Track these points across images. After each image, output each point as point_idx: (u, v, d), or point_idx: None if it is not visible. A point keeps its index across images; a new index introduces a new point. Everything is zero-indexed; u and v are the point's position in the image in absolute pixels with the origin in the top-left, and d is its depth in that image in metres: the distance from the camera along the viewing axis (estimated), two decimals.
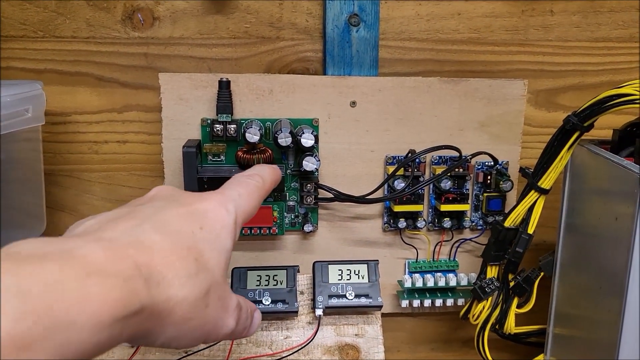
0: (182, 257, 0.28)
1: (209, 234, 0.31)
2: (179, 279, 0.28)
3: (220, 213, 0.32)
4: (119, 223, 0.28)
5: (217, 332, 0.32)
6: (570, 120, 0.45)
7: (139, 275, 0.26)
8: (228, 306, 0.32)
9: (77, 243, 0.25)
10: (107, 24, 0.56)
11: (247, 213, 0.35)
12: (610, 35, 0.60)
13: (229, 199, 0.34)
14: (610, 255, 0.42)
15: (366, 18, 0.56)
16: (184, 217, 0.31)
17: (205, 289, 0.29)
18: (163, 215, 0.30)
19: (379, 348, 0.54)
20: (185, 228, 0.30)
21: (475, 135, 0.58)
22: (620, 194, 0.41)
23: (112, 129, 0.59)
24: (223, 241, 0.32)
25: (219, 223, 0.32)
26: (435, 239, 0.60)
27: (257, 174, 0.38)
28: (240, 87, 0.55)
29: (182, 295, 0.28)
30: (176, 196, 0.33)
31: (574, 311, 0.50)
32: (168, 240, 0.28)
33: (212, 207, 0.32)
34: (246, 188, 0.36)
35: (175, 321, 0.28)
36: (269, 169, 0.40)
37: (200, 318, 0.29)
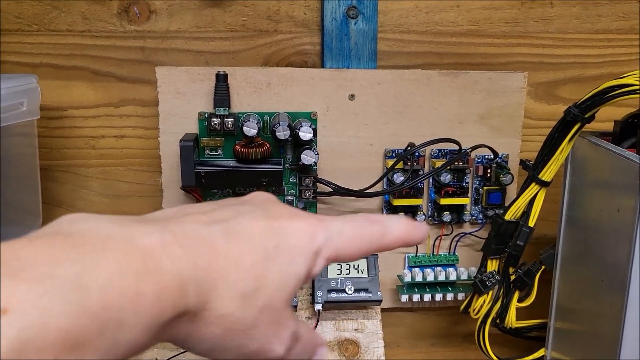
0: (243, 270, 0.26)
1: (282, 255, 0.28)
2: (230, 292, 0.26)
3: (304, 238, 0.28)
4: (192, 219, 0.26)
5: (262, 355, 0.29)
6: (571, 111, 0.45)
7: (193, 278, 0.24)
8: (280, 333, 0.29)
9: (140, 230, 0.24)
10: (103, 17, 0.56)
11: (339, 253, 0.30)
12: (610, 27, 0.60)
13: (323, 229, 0.29)
14: (612, 248, 0.42)
15: (364, 10, 0.56)
16: (263, 229, 0.28)
17: (257, 311, 0.27)
18: (240, 221, 0.27)
19: (378, 343, 0.53)
20: (259, 242, 0.27)
21: (475, 128, 0.58)
22: (622, 186, 0.41)
23: (109, 124, 0.59)
24: (295, 267, 0.28)
25: (299, 249, 0.28)
26: (435, 233, 0.60)
27: (383, 223, 0.31)
28: (237, 80, 0.55)
29: (229, 311, 0.26)
30: (269, 206, 0.30)
31: (575, 305, 0.50)
32: (235, 249, 0.26)
33: (299, 228, 0.28)
34: (355, 229, 0.30)
35: (214, 333, 0.26)
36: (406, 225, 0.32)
37: (244, 337, 0.27)
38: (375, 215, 0.32)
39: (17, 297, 0.18)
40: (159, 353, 0.53)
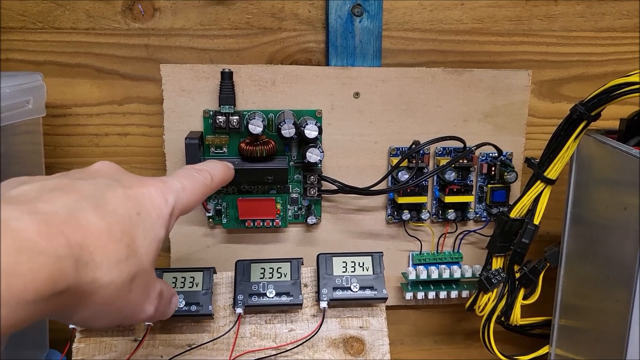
0: (115, 240, 0.28)
1: (144, 221, 0.31)
2: (107, 262, 0.28)
3: (159, 202, 0.32)
4: (57, 196, 0.28)
5: (135, 317, 0.32)
6: (578, 109, 0.45)
7: (70, 255, 0.26)
8: (150, 293, 0.33)
9: (12, 213, 0.25)
10: (107, 15, 0.56)
11: (186, 207, 0.35)
12: (614, 25, 0.60)
13: (170, 190, 0.34)
14: (619, 245, 0.42)
15: (369, 8, 0.55)
16: (123, 199, 0.30)
17: (132, 276, 0.30)
18: (103, 194, 0.30)
19: (383, 340, 0.53)
20: (123, 211, 0.30)
21: (479, 126, 0.58)
22: (629, 184, 0.41)
23: (113, 122, 0.58)
24: (157, 230, 0.32)
25: (156, 212, 0.32)
26: (439, 230, 0.60)
27: (207, 170, 0.38)
28: (242, 78, 0.55)
29: (108, 279, 0.28)
30: (118, 176, 0.33)
31: (580, 302, 0.50)
32: (104, 221, 0.28)
33: (152, 194, 0.32)
34: (192, 183, 0.36)
35: (95, 302, 0.28)
36: (222, 166, 0.40)
37: (121, 302, 0.30)
38: (199, 164, 0.39)
39: None
40: (163, 351, 0.53)
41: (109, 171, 0.34)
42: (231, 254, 0.57)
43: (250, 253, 0.58)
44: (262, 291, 0.52)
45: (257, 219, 0.56)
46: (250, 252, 0.58)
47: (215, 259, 0.58)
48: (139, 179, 0.33)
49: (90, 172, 0.33)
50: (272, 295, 0.52)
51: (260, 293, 0.52)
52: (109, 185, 0.31)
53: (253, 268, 0.54)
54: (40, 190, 0.28)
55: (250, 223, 0.56)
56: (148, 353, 0.53)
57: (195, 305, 0.52)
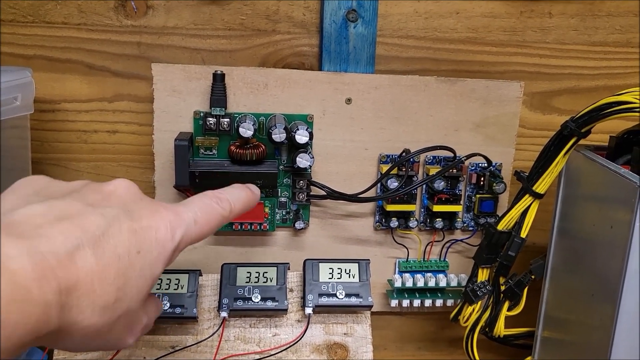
0: (107, 284, 0.27)
1: (144, 260, 0.29)
2: (92, 308, 0.27)
3: (165, 238, 0.31)
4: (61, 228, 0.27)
5: (115, 347, 0.32)
6: (568, 126, 0.45)
7: (57, 301, 0.25)
8: (133, 329, 0.32)
9: (12, 251, 0.24)
10: (99, 11, 0.55)
11: (194, 240, 0.33)
12: (607, 39, 0.60)
13: (181, 224, 0.32)
14: (604, 262, 0.42)
15: (364, 14, 0.55)
16: (126, 235, 0.29)
17: (115, 318, 0.29)
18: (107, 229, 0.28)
19: (367, 347, 0.54)
20: (122, 250, 0.28)
21: (470, 136, 0.58)
22: (616, 202, 0.41)
23: (102, 119, 0.58)
24: (154, 268, 0.30)
25: (158, 249, 0.30)
26: (426, 238, 0.60)
27: (229, 201, 0.36)
28: (234, 80, 0.54)
29: (89, 323, 0.27)
30: (131, 204, 0.31)
31: (564, 315, 0.50)
32: (100, 263, 0.27)
33: (159, 229, 0.31)
34: (207, 215, 0.34)
35: (74, 339, 0.28)
36: (245, 196, 0.37)
37: (101, 339, 0.29)
38: (221, 191, 0.36)
39: None
40: (147, 352, 0.53)
41: (123, 196, 0.31)
42: (218, 257, 0.57)
43: (237, 256, 0.58)
44: (247, 295, 0.52)
45: (244, 222, 0.56)
46: (237, 255, 0.58)
47: (201, 261, 0.58)
48: (152, 208, 0.31)
49: (105, 194, 0.31)
50: (257, 300, 0.52)
51: (246, 297, 0.52)
52: (117, 218, 0.29)
53: (239, 272, 0.53)
54: (46, 215, 0.27)
55: (238, 226, 0.56)
56: (131, 354, 0.53)
57: (180, 307, 0.52)
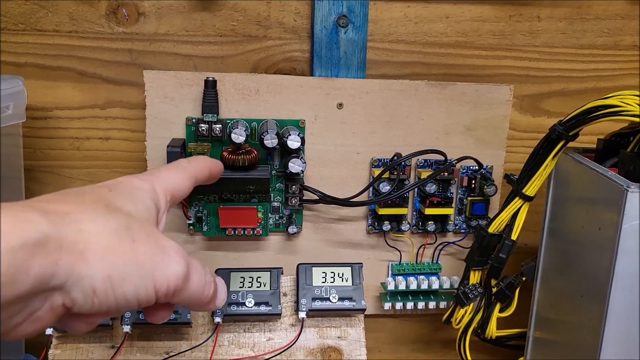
0: (90, 203, 0.29)
1: (119, 193, 0.32)
2: (87, 214, 0.28)
3: (132, 180, 0.34)
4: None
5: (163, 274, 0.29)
6: (556, 129, 0.46)
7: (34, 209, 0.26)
8: (164, 246, 0.30)
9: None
10: (90, 18, 0.55)
11: (168, 183, 0.36)
12: (595, 42, 0.61)
13: (142, 174, 0.36)
14: (593, 263, 0.43)
15: (355, 19, 0.56)
16: (96, 186, 0.32)
17: (123, 224, 0.29)
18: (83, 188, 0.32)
19: (361, 351, 0.54)
20: (96, 191, 0.31)
21: (461, 139, 0.58)
22: (604, 204, 0.42)
23: (95, 125, 0.58)
24: (138, 197, 0.32)
25: (130, 185, 0.33)
26: (418, 241, 0.60)
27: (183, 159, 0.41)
28: (226, 86, 0.54)
29: (95, 227, 0.27)
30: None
31: (554, 316, 0.51)
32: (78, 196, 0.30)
33: (123, 179, 0.34)
34: (165, 167, 0.39)
35: (98, 252, 0.27)
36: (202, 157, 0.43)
37: (130, 251, 0.28)
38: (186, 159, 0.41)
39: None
40: (141, 357, 0.53)
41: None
42: (211, 262, 0.57)
43: (230, 261, 0.58)
44: (241, 300, 0.52)
45: (237, 227, 0.56)
46: (230, 260, 0.58)
47: None
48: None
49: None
50: (251, 305, 0.52)
51: (239, 302, 0.53)
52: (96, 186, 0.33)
53: (232, 277, 0.54)
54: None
55: (231, 231, 0.56)
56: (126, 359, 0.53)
57: (174, 313, 0.52)
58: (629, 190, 0.38)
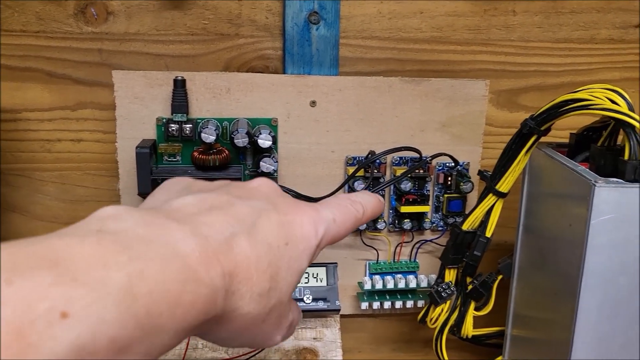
0: (262, 272, 0.28)
1: (291, 252, 0.30)
2: (251, 294, 0.28)
3: (309, 233, 0.31)
4: (215, 217, 0.28)
5: (264, 344, 0.33)
6: (528, 124, 0.45)
7: (222, 285, 0.26)
8: (282, 324, 0.32)
9: (177, 234, 0.25)
10: (58, 17, 0.54)
11: (333, 239, 0.34)
12: (571, 36, 0.60)
13: (322, 221, 0.32)
14: (565, 259, 0.42)
15: (326, 16, 0.55)
16: (275, 227, 0.30)
17: (270, 308, 0.29)
18: (257, 220, 0.29)
19: (337, 352, 0.53)
20: (273, 241, 0.29)
21: (437, 136, 0.58)
22: (574, 200, 0.41)
23: (66, 127, 0.57)
24: (300, 262, 0.31)
25: (304, 244, 0.31)
26: (395, 240, 0.60)
27: (361, 203, 0.36)
28: (196, 85, 0.54)
29: (247, 310, 0.28)
30: (275, 199, 0.32)
31: (531, 313, 0.50)
32: (255, 251, 0.28)
33: (304, 224, 0.31)
34: (344, 215, 0.34)
35: (230, 329, 0.28)
36: (375, 201, 0.38)
37: (255, 330, 0.30)
38: (353, 195, 0.37)
39: (75, 302, 0.19)
40: None
41: (266, 191, 0.33)
42: None
43: None
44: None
45: None
46: None
47: None
48: (294, 204, 0.32)
49: (249, 190, 0.33)
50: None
51: None
52: (264, 209, 0.30)
53: None
54: (200, 205, 0.28)
55: None
56: None
57: None
58: (596, 185, 0.38)
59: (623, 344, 0.40)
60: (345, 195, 0.37)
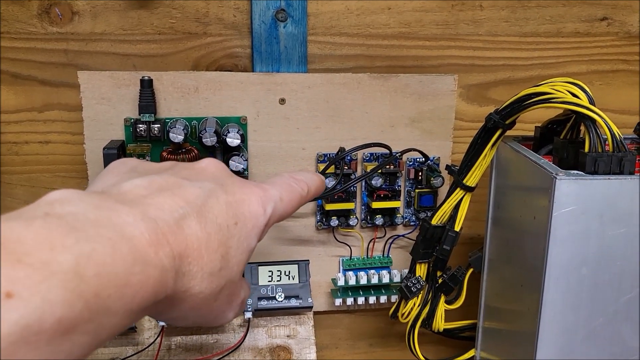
0: (212, 251, 0.29)
1: (240, 231, 0.30)
2: (202, 274, 0.28)
3: (258, 212, 0.32)
4: (165, 198, 0.28)
5: (216, 321, 0.33)
6: (492, 118, 0.45)
7: (172, 266, 0.26)
8: (233, 302, 0.33)
9: (126, 218, 0.25)
10: (22, 18, 0.54)
11: (281, 218, 0.35)
12: (538, 30, 0.61)
13: (270, 200, 0.33)
14: (530, 252, 0.43)
15: (293, 13, 0.55)
16: (224, 207, 0.30)
17: (221, 287, 0.30)
18: (206, 200, 0.29)
19: (310, 349, 0.53)
20: (222, 221, 0.30)
21: (407, 131, 0.58)
22: (537, 192, 0.42)
23: (33, 129, 0.56)
24: (250, 240, 0.31)
25: (252, 222, 0.31)
26: (368, 236, 0.60)
27: (305, 182, 0.37)
28: (164, 85, 0.53)
29: (199, 289, 0.28)
30: (223, 179, 0.32)
31: (501, 305, 0.51)
32: (205, 231, 0.28)
33: (251, 203, 0.32)
34: (289, 193, 0.35)
35: (182, 308, 0.29)
36: (317, 179, 0.39)
37: (206, 309, 0.30)
38: (296, 173, 0.38)
39: (20, 282, 0.19)
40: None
41: (214, 172, 0.33)
42: None
43: None
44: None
45: None
46: None
47: None
48: (242, 184, 0.33)
49: (197, 170, 0.33)
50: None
51: None
52: (213, 190, 0.30)
53: None
54: (149, 187, 0.29)
55: None
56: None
57: None
58: (557, 178, 0.38)
59: (587, 335, 0.41)
60: (288, 174, 0.37)
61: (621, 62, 0.63)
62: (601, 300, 0.40)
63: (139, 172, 0.31)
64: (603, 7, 0.61)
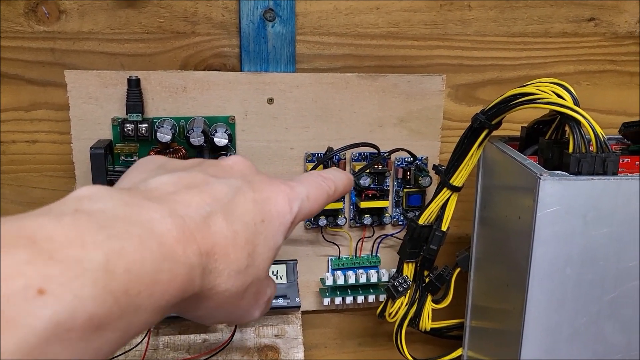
0: (239, 249, 0.28)
1: (267, 229, 0.30)
2: (228, 271, 0.28)
3: (284, 209, 0.31)
4: (192, 195, 0.28)
5: (242, 320, 0.33)
6: (478, 118, 0.46)
7: (199, 263, 0.26)
8: (259, 300, 0.32)
9: (154, 214, 0.25)
10: (8, 16, 0.53)
11: (307, 216, 0.34)
12: (526, 30, 0.61)
13: (297, 197, 0.33)
14: (515, 251, 0.43)
15: (282, 13, 0.55)
16: (251, 205, 0.30)
17: (247, 285, 0.29)
18: (234, 198, 0.29)
19: (298, 348, 0.53)
20: (249, 218, 0.29)
21: (395, 131, 0.58)
22: (522, 192, 0.42)
23: (20, 129, 0.56)
24: (276, 238, 0.31)
25: (279, 220, 0.31)
26: (357, 235, 0.60)
27: (332, 180, 0.37)
28: (152, 84, 0.53)
29: (225, 287, 0.28)
30: (250, 176, 0.32)
31: (487, 304, 0.51)
32: (232, 229, 0.28)
33: (278, 201, 0.31)
34: (316, 191, 0.35)
35: (209, 306, 0.29)
36: (346, 178, 0.39)
37: (232, 307, 0.30)
38: (325, 172, 0.37)
39: (52, 279, 0.19)
40: None
41: (242, 169, 0.33)
42: None
43: None
44: None
45: None
46: None
47: None
48: (269, 181, 0.32)
49: (224, 168, 0.33)
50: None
51: None
52: (240, 187, 0.30)
53: None
54: (176, 184, 0.28)
55: None
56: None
57: None
58: (541, 178, 0.38)
59: (571, 334, 0.41)
60: (316, 172, 0.37)
61: (608, 63, 0.63)
62: (585, 300, 0.41)
63: (167, 169, 0.31)
64: (590, 7, 0.61)
